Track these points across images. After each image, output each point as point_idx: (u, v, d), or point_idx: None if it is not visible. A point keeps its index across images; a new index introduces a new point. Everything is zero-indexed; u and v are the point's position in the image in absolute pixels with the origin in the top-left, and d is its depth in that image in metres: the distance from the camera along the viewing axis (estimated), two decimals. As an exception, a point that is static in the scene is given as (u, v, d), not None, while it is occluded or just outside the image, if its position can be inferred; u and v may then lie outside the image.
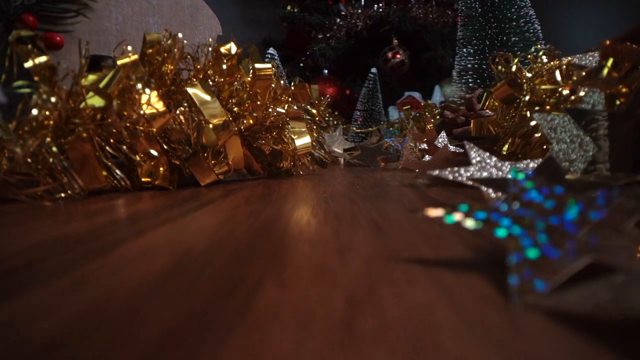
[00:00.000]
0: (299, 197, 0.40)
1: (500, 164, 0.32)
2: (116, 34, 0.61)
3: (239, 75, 0.49)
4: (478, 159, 0.33)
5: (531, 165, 0.31)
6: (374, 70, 1.40)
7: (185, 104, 0.44)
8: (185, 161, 0.47)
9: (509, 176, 0.18)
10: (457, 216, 0.16)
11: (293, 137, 0.57)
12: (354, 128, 1.30)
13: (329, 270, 0.16)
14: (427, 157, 0.65)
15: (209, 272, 0.16)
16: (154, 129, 0.44)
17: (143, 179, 0.47)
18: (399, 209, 0.31)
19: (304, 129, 0.57)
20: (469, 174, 0.32)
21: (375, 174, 0.68)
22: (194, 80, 0.47)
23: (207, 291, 0.14)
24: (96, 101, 0.39)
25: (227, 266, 0.17)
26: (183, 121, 0.46)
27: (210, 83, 0.50)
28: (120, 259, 0.18)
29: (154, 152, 0.45)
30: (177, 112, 0.46)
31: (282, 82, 0.56)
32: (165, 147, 0.47)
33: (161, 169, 0.47)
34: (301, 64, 2.29)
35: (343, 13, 2.14)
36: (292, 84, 0.55)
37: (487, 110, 0.71)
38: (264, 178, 0.61)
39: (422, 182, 0.54)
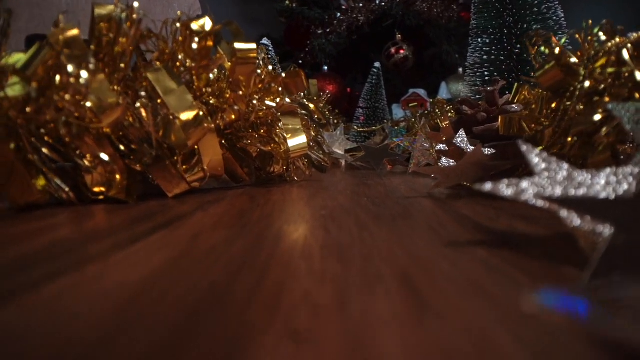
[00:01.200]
0: (288, 216, 0.30)
1: (579, 175, 0.22)
2: (67, 8, 0.51)
3: (215, 59, 0.39)
4: (544, 166, 0.23)
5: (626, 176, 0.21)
6: (377, 64, 1.30)
7: (144, 93, 0.34)
8: (147, 167, 0.37)
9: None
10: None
11: (285, 136, 0.47)
12: (356, 127, 1.20)
13: None
14: (444, 160, 0.55)
15: None
16: (104, 126, 0.34)
17: (95, 189, 0.37)
18: (432, 242, 0.21)
19: (299, 127, 0.47)
20: (536, 190, 0.22)
21: (383, 180, 0.58)
22: (157, 63, 0.37)
23: None
24: (16, 89, 0.29)
25: None
26: (144, 116, 0.36)
27: (182, 69, 0.40)
28: None
29: (104, 156, 0.35)
30: (137, 104, 0.36)
31: (272, 68, 0.46)
32: (123, 148, 0.37)
33: (117, 176, 0.37)
34: (300, 61, 2.19)
35: (344, 7, 2.04)
36: (285, 71, 0.45)
37: (515, 105, 0.61)
38: (251, 186, 0.51)
39: (442, 192, 0.44)
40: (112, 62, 0.36)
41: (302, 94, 0.56)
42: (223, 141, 0.44)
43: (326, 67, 2.01)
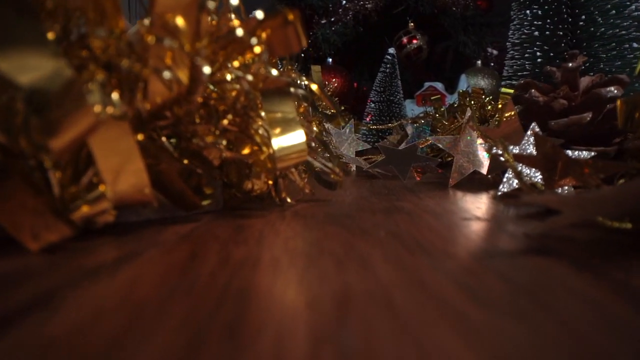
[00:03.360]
0: (260, 322, 0.10)
1: None
2: None
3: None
4: None
5: None
6: (391, 50, 1.10)
7: None
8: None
9: None
10: None
11: (270, 132, 0.27)
12: (369, 125, 1.00)
13: None
14: (535, 174, 0.36)
15: None
16: None
17: None
18: None
19: (292, 116, 0.28)
20: None
21: (423, 200, 0.38)
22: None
23: None
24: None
25: None
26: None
27: None
28: None
29: None
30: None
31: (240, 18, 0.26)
32: None
33: None
34: (302, 54, 2.00)
35: (350, -8, 1.85)
36: (267, 16, 0.25)
37: (613, 88, 0.42)
38: (214, 214, 0.31)
39: (539, 230, 0.24)
40: None
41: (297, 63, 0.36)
42: (156, 139, 0.25)
43: (330, 60, 1.82)
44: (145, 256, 0.20)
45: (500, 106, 0.71)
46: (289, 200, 0.33)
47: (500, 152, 0.36)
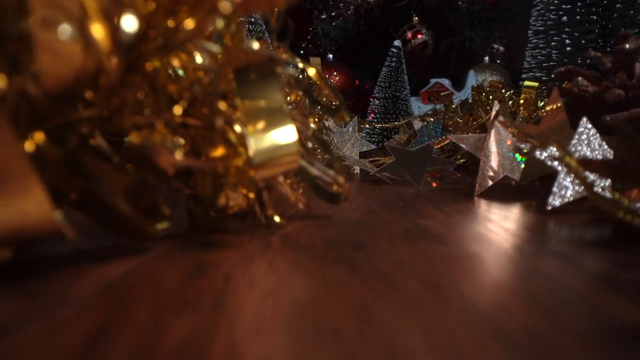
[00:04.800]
0: None
1: None
2: None
3: None
4: None
5: None
6: (397, 42, 1.02)
7: None
8: None
9: None
10: None
11: (246, 127, 0.19)
12: (374, 123, 0.92)
13: None
14: (597, 180, 0.28)
15: None
16: None
17: None
18: None
19: (279, 105, 0.20)
20: None
21: (457, 220, 0.30)
22: None
23: None
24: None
25: None
26: None
27: None
28: None
29: None
30: None
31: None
32: None
33: None
34: (301, 51, 1.92)
35: (351, -15, 1.77)
36: None
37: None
38: (173, 241, 0.23)
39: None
40: None
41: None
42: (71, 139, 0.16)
43: (331, 56, 1.73)
44: (28, 331, 0.11)
45: (522, 100, 0.63)
46: (277, 219, 0.25)
47: (544, 154, 0.28)
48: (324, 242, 0.22)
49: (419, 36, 1.61)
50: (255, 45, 0.20)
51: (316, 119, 0.46)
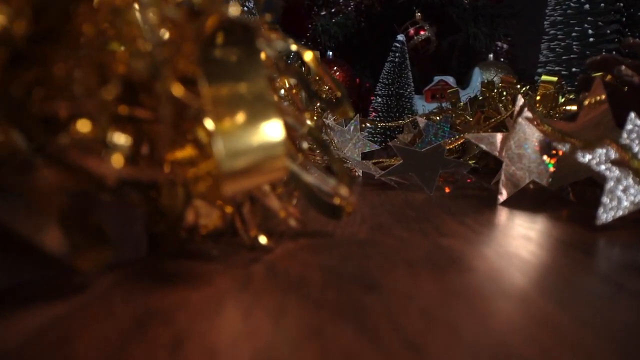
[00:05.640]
0: None
1: None
2: None
3: None
4: None
5: None
6: (400, 37, 0.97)
7: None
8: None
9: None
10: None
11: (212, 124, 0.13)
12: (377, 122, 0.87)
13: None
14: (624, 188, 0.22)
15: None
16: None
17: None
18: None
19: (259, 91, 0.14)
20: None
21: (487, 239, 0.24)
22: None
23: None
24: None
25: None
26: None
27: None
28: None
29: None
30: None
31: None
32: None
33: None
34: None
35: (351, -19, 1.72)
36: None
37: None
38: (126, 272, 0.18)
39: None
40: None
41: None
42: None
43: (331, 53, 1.68)
44: None
45: (538, 97, 0.58)
46: (263, 240, 0.19)
47: (587, 157, 0.23)
48: (323, 276, 0.16)
49: (422, 32, 1.56)
50: (235, 9, 0.15)
51: (314, 117, 0.41)
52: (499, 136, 0.36)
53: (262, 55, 0.17)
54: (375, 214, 0.30)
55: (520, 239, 0.23)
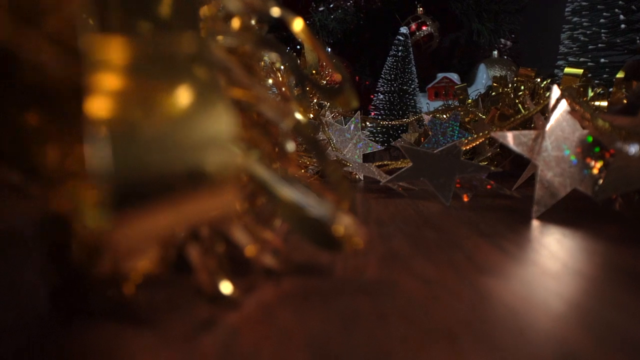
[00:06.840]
0: None
1: None
2: None
3: None
4: None
5: None
6: (404, 29, 0.90)
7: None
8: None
9: None
10: None
11: (95, 117, 0.07)
12: (379, 120, 0.80)
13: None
14: None
15: None
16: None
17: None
18: None
19: (190, 52, 0.08)
20: None
21: (554, 283, 0.18)
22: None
23: None
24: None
25: None
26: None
27: None
28: None
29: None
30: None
31: None
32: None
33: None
34: (298, 46, 1.80)
35: (350, -26, 1.66)
36: None
37: None
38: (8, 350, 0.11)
39: None
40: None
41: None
42: None
43: (329, 50, 1.62)
44: None
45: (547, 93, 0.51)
46: (226, 288, 0.13)
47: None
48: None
49: (424, 28, 1.49)
50: None
51: (309, 112, 0.35)
52: (533, 134, 0.30)
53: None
54: (385, 235, 0.23)
55: (577, 276, 0.16)
